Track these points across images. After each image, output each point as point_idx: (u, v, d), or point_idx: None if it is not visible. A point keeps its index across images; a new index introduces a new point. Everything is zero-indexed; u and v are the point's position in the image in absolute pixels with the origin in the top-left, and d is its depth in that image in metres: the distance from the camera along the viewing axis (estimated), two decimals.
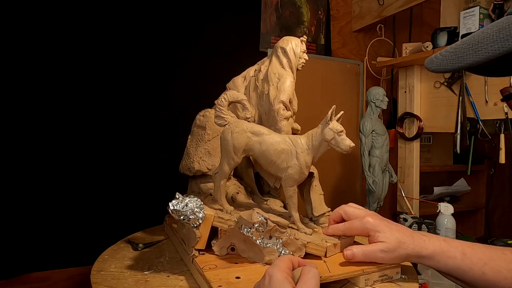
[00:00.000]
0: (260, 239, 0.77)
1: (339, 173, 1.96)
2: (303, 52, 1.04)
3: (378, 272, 0.74)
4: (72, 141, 1.40)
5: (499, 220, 2.28)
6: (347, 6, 2.05)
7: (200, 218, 0.79)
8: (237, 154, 0.86)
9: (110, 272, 0.84)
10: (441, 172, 2.20)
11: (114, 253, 0.96)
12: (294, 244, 0.78)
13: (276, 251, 0.77)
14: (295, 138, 0.84)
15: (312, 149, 0.81)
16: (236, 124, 0.87)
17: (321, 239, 0.83)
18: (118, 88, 1.47)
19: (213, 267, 0.76)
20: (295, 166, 0.82)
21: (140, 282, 0.77)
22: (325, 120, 0.79)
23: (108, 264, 0.89)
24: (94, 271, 0.84)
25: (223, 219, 0.83)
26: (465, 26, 1.35)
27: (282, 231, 0.78)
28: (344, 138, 0.78)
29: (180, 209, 0.78)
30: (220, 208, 0.87)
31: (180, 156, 1.13)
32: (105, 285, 0.77)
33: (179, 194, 0.82)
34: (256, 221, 0.75)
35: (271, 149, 0.83)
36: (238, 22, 1.70)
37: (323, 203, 1.01)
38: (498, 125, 1.31)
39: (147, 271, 0.83)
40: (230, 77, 1.11)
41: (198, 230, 0.80)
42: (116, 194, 1.46)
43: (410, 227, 1.33)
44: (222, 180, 0.89)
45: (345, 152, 0.78)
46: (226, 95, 0.90)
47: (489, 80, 1.32)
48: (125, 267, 0.87)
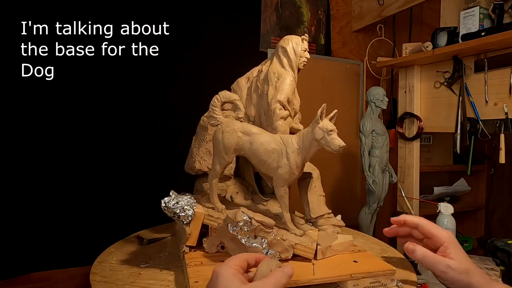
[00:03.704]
0: (246, 238, 0.77)
1: (339, 173, 1.96)
2: (304, 50, 1.03)
3: (369, 278, 0.72)
4: (73, 141, 1.40)
5: (499, 220, 2.28)
6: (347, 6, 2.05)
7: (190, 216, 0.81)
8: (227, 153, 0.87)
9: (110, 264, 0.87)
10: (441, 172, 2.20)
11: (120, 246, 1.01)
12: (281, 245, 0.78)
13: (261, 251, 0.77)
14: (286, 138, 0.83)
15: (303, 149, 0.80)
16: (227, 124, 0.88)
17: (311, 241, 0.81)
18: (118, 88, 1.47)
19: (199, 263, 0.79)
20: (285, 166, 0.81)
21: (134, 275, 0.80)
22: (315, 119, 0.78)
23: (111, 256, 0.93)
24: (97, 262, 0.88)
25: (213, 217, 0.84)
26: (465, 26, 1.35)
27: (267, 231, 0.77)
28: (334, 138, 0.75)
29: (171, 206, 0.81)
30: (212, 206, 0.88)
31: (179, 155, 1.14)
32: (101, 276, 0.81)
33: (174, 192, 0.85)
34: (240, 220, 0.76)
35: (261, 149, 0.83)
36: (238, 22, 1.70)
37: (322, 205, 1.00)
38: (498, 125, 1.31)
39: (143, 265, 0.86)
40: (230, 77, 1.11)
41: (189, 227, 0.82)
42: (116, 193, 1.46)
43: None
44: (214, 179, 0.89)
45: (335, 152, 0.76)
46: (219, 96, 0.91)
47: (489, 80, 1.32)
48: (125, 260, 0.90)
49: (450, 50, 1.37)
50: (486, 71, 1.32)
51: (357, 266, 0.77)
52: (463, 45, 1.33)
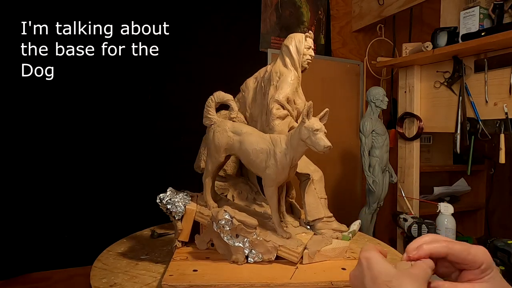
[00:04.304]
0: (228, 237, 0.78)
1: (339, 173, 1.96)
2: (307, 48, 1.01)
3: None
4: (73, 141, 1.40)
5: (499, 220, 2.28)
6: (347, 6, 2.05)
7: (181, 212, 0.85)
8: (218, 153, 0.88)
9: (116, 253, 0.93)
10: (441, 172, 2.20)
11: (132, 238, 1.07)
12: (263, 246, 0.78)
13: (242, 250, 0.78)
14: (276, 137, 0.83)
15: (291, 149, 0.79)
16: (219, 124, 0.89)
17: (297, 245, 0.80)
18: (118, 88, 1.47)
19: (184, 258, 0.81)
20: (273, 166, 0.80)
21: (131, 265, 0.85)
22: (301, 118, 0.76)
23: (120, 246, 0.99)
24: (106, 251, 0.94)
25: (203, 214, 0.86)
26: (465, 26, 1.35)
27: (249, 231, 0.78)
28: (319, 138, 0.73)
29: (164, 202, 0.85)
30: (205, 204, 0.90)
31: (180, 155, 1.14)
32: (102, 262, 0.86)
33: (171, 189, 0.88)
34: (221, 219, 0.77)
35: (250, 149, 0.83)
36: (238, 22, 1.70)
37: (320, 208, 0.98)
38: (498, 125, 1.31)
39: (143, 256, 0.91)
40: (230, 77, 1.11)
41: (180, 222, 0.85)
42: (116, 193, 1.46)
43: (410, 227, 1.33)
44: (207, 178, 0.91)
45: (321, 152, 0.74)
46: (213, 96, 0.92)
47: (489, 80, 1.32)
48: (129, 251, 0.95)
49: (450, 50, 1.37)
50: (486, 71, 1.32)
51: (343, 274, 0.75)
52: (463, 45, 1.33)
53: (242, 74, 1.16)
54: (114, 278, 0.78)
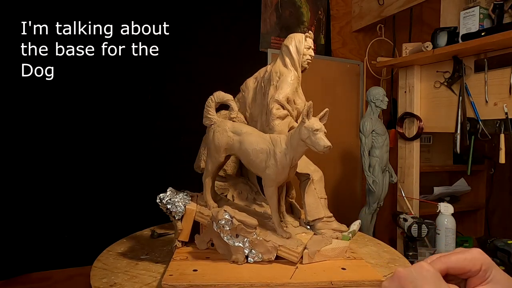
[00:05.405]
0: (228, 237, 0.78)
1: (339, 173, 1.96)
2: (307, 48, 1.01)
3: (353, 287, 0.71)
4: (73, 141, 1.40)
5: (499, 220, 2.28)
6: (347, 6, 2.05)
7: (181, 212, 0.85)
8: (218, 153, 0.88)
9: (116, 253, 0.93)
10: (441, 172, 2.20)
11: (132, 238, 1.07)
12: (263, 245, 0.78)
13: (242, 250, 0.78)
14: (276, 137, 0.82)
15: (291, 149, 0.78)
16: (219, 124, 0.89)
17: (297, 244, 0.80)
18: (118, 88, 1.47)
19: (184, 258, 0.81)
20: (272, 167, 0.80)
21: (131, 265, 0.85)
22: (301, 118, 0.76)
23: (120, 246, 0.99)
24: (106, 251, 0.94)
25: (203, 214, 0.86)
26: (465, 26, 1.35)
27: (249, 231, 0.78)
28: (319, 138, 0.73)
29: (164, 202, 0.85)
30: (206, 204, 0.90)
31: (179, 155, 1.14)
32: (103, 263, 0.86)
33: (171, 188, 0.88)
34: (221, 218, 0.77)
35: (250, 149, 0.83)
36: (238, 22, 1.70)
37: (320, 208, 0.99)
38: (498, 125, 1.31)
39: (143, 256, 0.91)
40: (230, 77, 1.11)
41: (180, 222, 0.85)
42: (116, 193, 1.45)
43: (410, 227, 1.33)
44: (207, 178, 0.91)
45: (321, 152, 0.74)
46: (213, 96, 0.92)
47: (489, 80, 1.32)
48: (130, 250, 0.95)
49: (450, 50, 1.37)
50: (486, 71, 1.33)
51: (343, 274, 0.75)
52: (463, 45, 1.33)
53: (242, 74, 1.16)
54: (114, 278, 0.78)
